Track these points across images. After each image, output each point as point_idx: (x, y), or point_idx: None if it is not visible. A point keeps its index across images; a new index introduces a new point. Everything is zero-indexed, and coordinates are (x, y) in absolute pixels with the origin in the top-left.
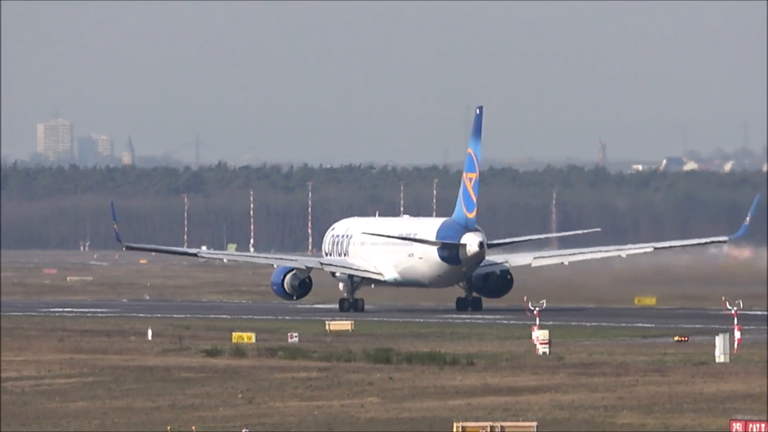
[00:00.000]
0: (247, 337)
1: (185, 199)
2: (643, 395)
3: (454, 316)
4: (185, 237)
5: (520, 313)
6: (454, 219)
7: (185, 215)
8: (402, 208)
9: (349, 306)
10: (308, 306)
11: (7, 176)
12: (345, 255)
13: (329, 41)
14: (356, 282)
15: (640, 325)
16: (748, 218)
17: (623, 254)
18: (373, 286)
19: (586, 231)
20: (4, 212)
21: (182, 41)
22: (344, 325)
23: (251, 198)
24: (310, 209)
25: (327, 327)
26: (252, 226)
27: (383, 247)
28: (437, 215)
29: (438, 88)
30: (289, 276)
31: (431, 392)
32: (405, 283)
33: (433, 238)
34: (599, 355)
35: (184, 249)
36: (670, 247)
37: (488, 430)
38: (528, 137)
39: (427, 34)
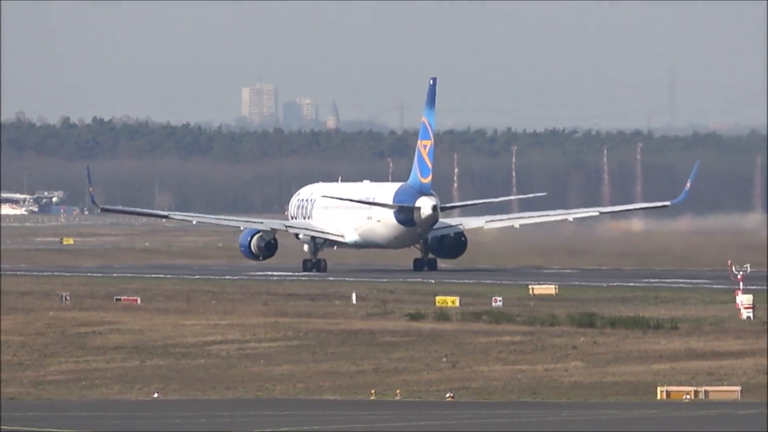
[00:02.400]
0: (451, 301)
1: (390, 164)
2: None
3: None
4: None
5: (724, 278)
6: (410, 184)
7: (389, 179)
8: (605, 173)
9: (312, 266)
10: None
11: (212, 140)
12: (309, 218)
13: (527, 4)
14: (319, 244)
15: None
16: (688, 184)
17: (570, 218)
18: (336, 248)
19: (531, 195)
20: (209, 176)
21: (387, 5)
22: (548, 289)
23: (455, 162)
24: (514, 174)
25: (531, 291)
26: (455, 191)
27: (344, 210)
28: (642, 182)
29: (641, 50)
30: (255, 238)
31: (635, 356)
32: (364, 244)
33: (390, 202)
34: None
35: (156, 211)
36: (618, 211)
37: (692, 394)
38: (733, 101)
39: None
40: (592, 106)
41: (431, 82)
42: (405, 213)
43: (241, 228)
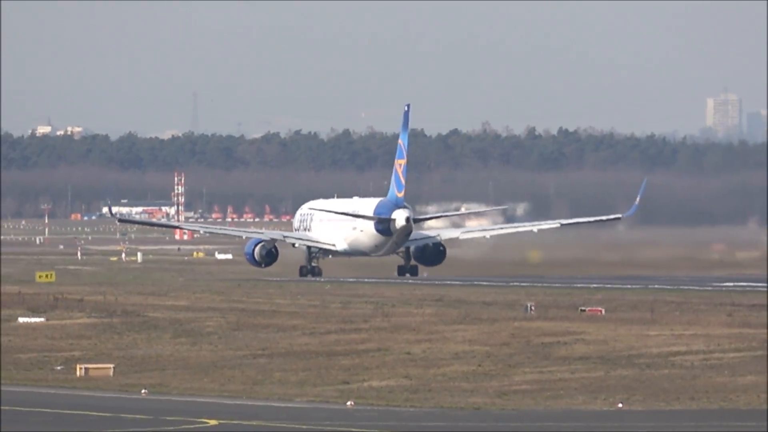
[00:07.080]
0: None
1: None
2: None
3: None
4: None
5: None
6: (388, 198)
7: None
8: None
9: (307, 272)
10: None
11: (676, 152)
12: (308, 230)
13: None
14: (313, 252)
15: None
16: (638, 199)
17: (535, 229)
18: (330, 256)
19: (494, 208)
20: (673, 189)
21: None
22: None
23: None
24: None
25: None
26: None
27: (336, 222)
28: None
29: None
30: (258, 247)
31: None
32: (352, 252)
33: (371, 214)
34: None
35: (168, 222)
36: (576, 222)
37: None
38: None
39: None
40: None
41: (406, 108)
42: (383, 224)
43: (243, 238)
